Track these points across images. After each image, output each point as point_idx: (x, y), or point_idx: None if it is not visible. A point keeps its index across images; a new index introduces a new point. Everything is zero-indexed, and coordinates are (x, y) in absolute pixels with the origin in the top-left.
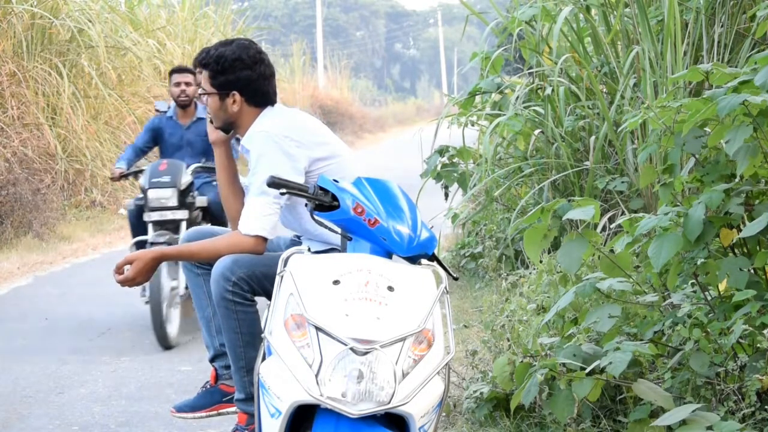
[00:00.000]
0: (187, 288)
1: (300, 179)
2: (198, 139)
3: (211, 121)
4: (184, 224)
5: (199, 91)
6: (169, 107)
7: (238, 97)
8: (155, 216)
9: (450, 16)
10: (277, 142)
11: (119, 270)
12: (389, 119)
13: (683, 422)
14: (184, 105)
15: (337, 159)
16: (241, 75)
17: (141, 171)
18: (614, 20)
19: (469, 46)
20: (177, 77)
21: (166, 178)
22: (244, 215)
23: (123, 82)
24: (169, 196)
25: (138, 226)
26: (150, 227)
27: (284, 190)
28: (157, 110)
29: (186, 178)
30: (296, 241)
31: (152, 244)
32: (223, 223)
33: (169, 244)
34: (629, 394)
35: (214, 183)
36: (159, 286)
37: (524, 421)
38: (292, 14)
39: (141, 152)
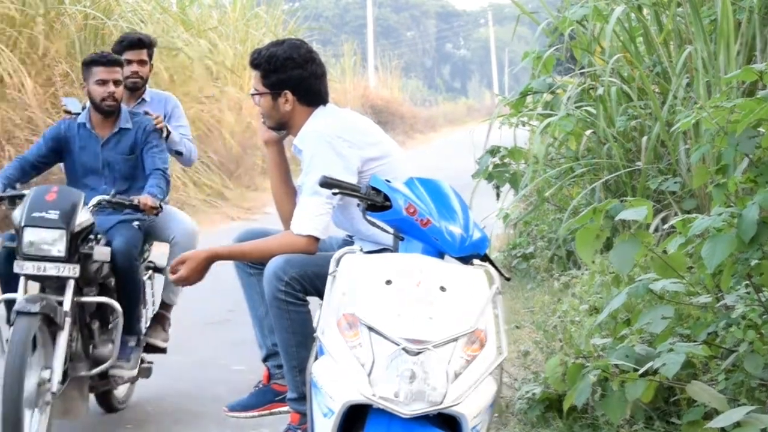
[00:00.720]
0: (62, 382)
1: (353, 179)
2: (120, 159)
3: (264, 122)
4: (72, 284)
5: (251, 91)
6: (84, 107)
7: (290, 96)
8: (30, 268)
9: (501, 16)
10: (329, 142)
11: (173, 269)
12: (440, 119)
13: (737, 424)
14: (109, 111)
15: (389, 159)
16: (292, 74)
17: (21, 196)
18: (666, 20)
19: (520, 46)
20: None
21: (52, 214)
22: (296, 215)
23: (175, 82)
24: (54, 242)
25: (8, 277)
26: (22, 282)
27: (336, 190)
28: (66, 111)
29: (83, 217)
30: (348, 241)
31: (20, 313)
32: (134, 280)
33: (46, 315)
34: (683, 396)
35: (133, 222)
36: (18, 376)
37: (576, 422)
38: (343, 14)
39: (32, 169)
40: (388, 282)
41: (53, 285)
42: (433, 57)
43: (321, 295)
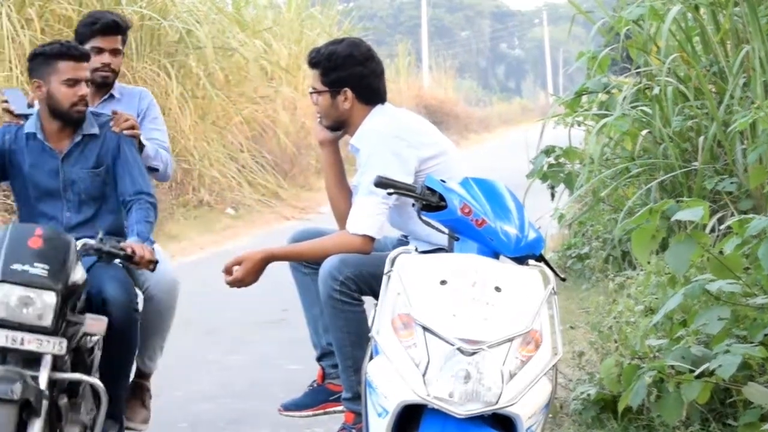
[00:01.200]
0: None
1: (409, 179)
2: (86, 175)
3: (320, 121)
4: (48, 361)
5: (309, 89)
6: (30, 106)
7: (349, 93)
8: (1, 338)
9: (556, 16)
10: (387, 141)
11: (228, 271)
12: (494, 119)
13: None
14: (78, 119)
15: (445, 158)
16: (352, 72)
17: None
18: (723, 19)
19: (574, 46)
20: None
21: (39, 269)
22: (352, 215)
23: (230, 82)
24: (42, 308)
25: None
26: None
27: (391, 190)
28: (7, 111)
29: (78, 274)
30: (403, 241)
31: None
32: (129, 346)
33: (26, 401)
34: (739, 398)
35: (115, 260)
36: None
37: (632, 423)
38: (398, 15)
39: None
40: (443, 282)
41: (20, 357)
42: (487, 57)
43: (376, 295)
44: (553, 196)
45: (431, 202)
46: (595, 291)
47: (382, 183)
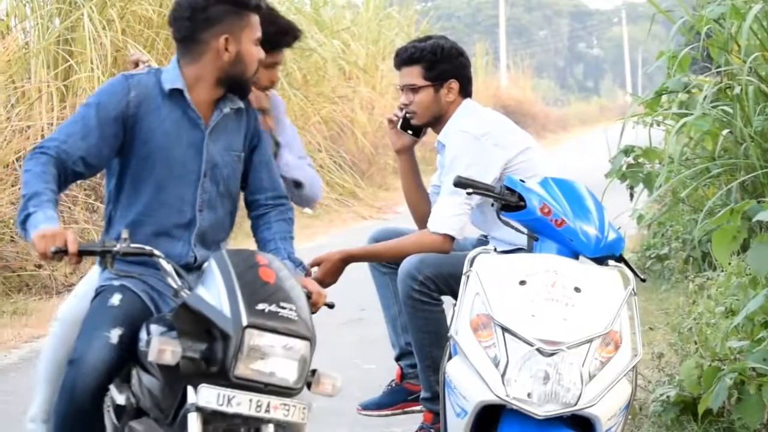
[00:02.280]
0: None
1: (494, 179)
2: (232, 164)
3: (404, 126)
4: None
5: (402, 86)
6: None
7: (455, 84)
8: (244, 405)
9: (635, 15)
10: (473, 143)
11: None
12: (572, 119)
13: None
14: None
15: (531, 154)
16: (458, 63)
17: (140, 254)
18: None
19: (654, 45)
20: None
21: (288, 311)
22: (434, 213)
23: (308, 82)
24: (290, 366)
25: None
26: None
27: (471, 190)
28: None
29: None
30: (483, 241)
31: None
32: None
33: None
34: None
35: None
36: None
37: (712, 426)
38: (475, 14)
39: (73, 175)
40: (522, 282)
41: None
42: (565, 56)
43: (455, 295)
44: (632, 196)
45: (510, 202)
46: (674, 292)
47: (461, 183)
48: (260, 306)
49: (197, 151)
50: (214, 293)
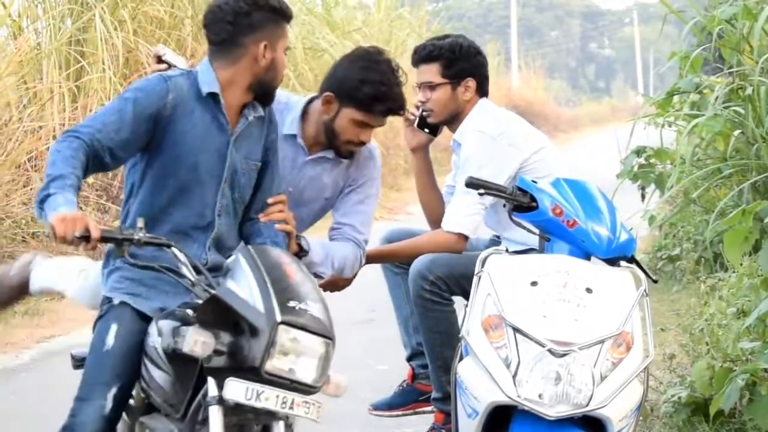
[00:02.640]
0: None
1: (509, 179)
2: (250, 172)
3: (421, 124)
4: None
5: (424, 81)
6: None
7: (472, 83)
8: (272, 400)
9: (646, 15)
10: (488, 143)
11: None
12: (584, 119)
13: None
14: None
15: (545, 154)
16: (476, 61)
17: (156, 244)
18: None
19: (665, 46)
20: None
21: (313, 307)
22: (448, 213)
23: (319, 83)
24: (318, 359)
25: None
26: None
27: (482, 191)
28: (159, 58)
29: None
30: (496, 241)
31: None
32: None
33: None
34: None
35: None
36: None
37: (723, 426)
38: (487, 15)
39: (98, 165)
40: (534, 283)
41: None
42: (577, 57)
43: (466, 296)
44: (643, 196)
45: (522, 202)
46: (686, 293)
47: (473, 183)
48: (291, 303)
49: (221, 156)
50: (245, 287)
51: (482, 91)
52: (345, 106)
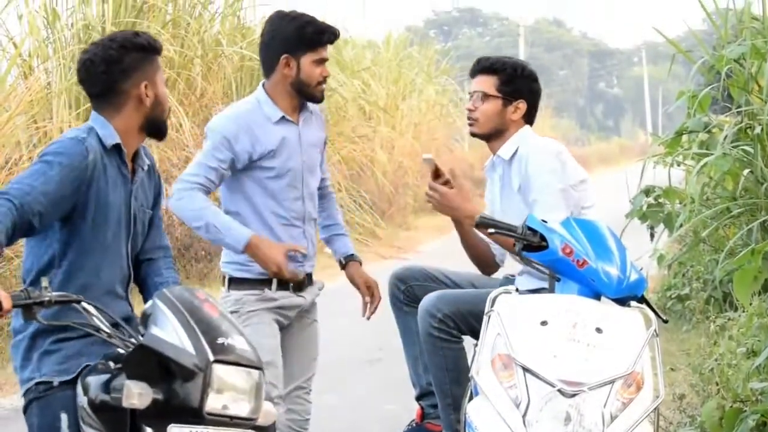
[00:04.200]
0: None
1: (572, 197)
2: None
3: (471, 124)
4: None
5: (477, 89)
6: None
7: (522, 105)
8: None
9: (654, 55)
10: (554, 156)
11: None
12: (592, 158)
13: None
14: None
15: (587, 186)
16: (532, 87)
17: (66, 302)
18: None
19: (674, 85)
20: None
21: (239, 341)
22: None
23: (329, 121)
24: (249, 391)
25: None
26: None
27: (492, 230)
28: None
29: None
30: (510, 279)
31: None
32: None
33: None
34: None
35: None
36: None
37: None
38: (495, 54)
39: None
40: (544, 323)
41: None
42: (585, 96)
43: (474, 334)
44: (652, 236)
45: (532, 242)
46: (695, 332)
47: (483, 223)
48: (219, 340)
49: (127, 207)
50: (171, 332)
51: (529, 117)
52: (301, 55)
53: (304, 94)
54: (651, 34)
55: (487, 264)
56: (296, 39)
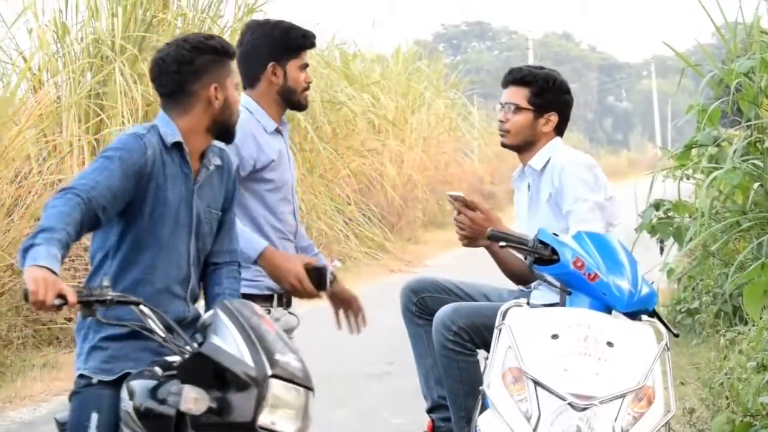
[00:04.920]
0: None
1: (605, 211)
2: (213, 220)
3: (502, 135)
4: None
5: (508, 104)
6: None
7: (554, 118)
8: None
9: (664, 68)
10: (588, 169)
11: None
12: None
13: None
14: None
15: (615, 202)
16: (564, 99)
17: (125, 302)
18: None
19: (683, 98)
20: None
21: (293, 359)
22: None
23: (338, 135)
24: (298, 411)
25: None
26: None
27: (503, 243)
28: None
29: None
30: (525, 292)
31: None
32: None
33: None
34: None
35: None
36: None
37: None
38: (504, 67)
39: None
40: (555, 336)
41: None
42: (594, 109)
43: (488, 348)
44: (662, 250)
45: (543, 255)
46: (705, 346)
47: (494, 236)
48: (277, 356)
49: (188, 206)
50: (230, 343)
51: (560, 130)
52: (286, 62)
53: (290, 102)
54: (660, 47)
55: (527, 281)
56: (281, 45)
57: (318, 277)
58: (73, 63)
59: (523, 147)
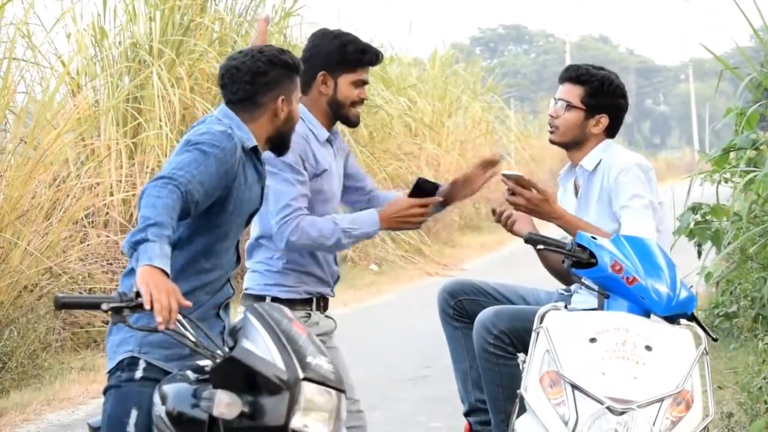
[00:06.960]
0: None
1: (657, 213)
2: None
3: (551, 132)
4: None
5: (561, 100)
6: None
7: (605, 120)
8: None
9: (701, 71)
10: (644, 172)
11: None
12: None
13: None
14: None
15: (663, 208)
16: (617, 102)
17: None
18: None
19: (721, 102)
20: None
21: (324, 362)
22: (630, 230)
23: (374, 139)
24: (330, 414)
25: None
26: None
27: (541, 246)
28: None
29: None
30: (563, 294)
31: None
32: None
33: None
34: None
35: None
36: None
37: None
38: (541, 71)
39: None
40: (593, 340)
41: None
42: (632, 112)
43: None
44: (700, 253)
45: (582, 258)
46: (743, 351)
47: (532, 239)
48: (308, 359)
49: (255, 206)
50: (262, 346)
51: (611, 131)
52: (339, 75)
53: (339, 115)
54: (698, 50)
55: (572, 281)
56: (336, 57)
57: (423, 189)
58: (111, 67)
59: (572, 145)
